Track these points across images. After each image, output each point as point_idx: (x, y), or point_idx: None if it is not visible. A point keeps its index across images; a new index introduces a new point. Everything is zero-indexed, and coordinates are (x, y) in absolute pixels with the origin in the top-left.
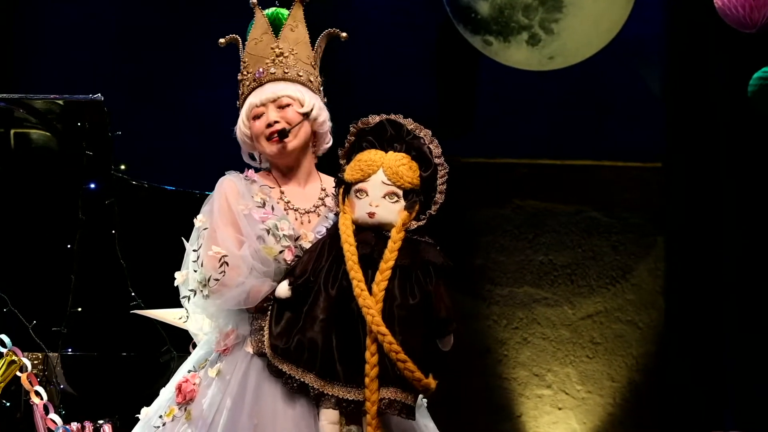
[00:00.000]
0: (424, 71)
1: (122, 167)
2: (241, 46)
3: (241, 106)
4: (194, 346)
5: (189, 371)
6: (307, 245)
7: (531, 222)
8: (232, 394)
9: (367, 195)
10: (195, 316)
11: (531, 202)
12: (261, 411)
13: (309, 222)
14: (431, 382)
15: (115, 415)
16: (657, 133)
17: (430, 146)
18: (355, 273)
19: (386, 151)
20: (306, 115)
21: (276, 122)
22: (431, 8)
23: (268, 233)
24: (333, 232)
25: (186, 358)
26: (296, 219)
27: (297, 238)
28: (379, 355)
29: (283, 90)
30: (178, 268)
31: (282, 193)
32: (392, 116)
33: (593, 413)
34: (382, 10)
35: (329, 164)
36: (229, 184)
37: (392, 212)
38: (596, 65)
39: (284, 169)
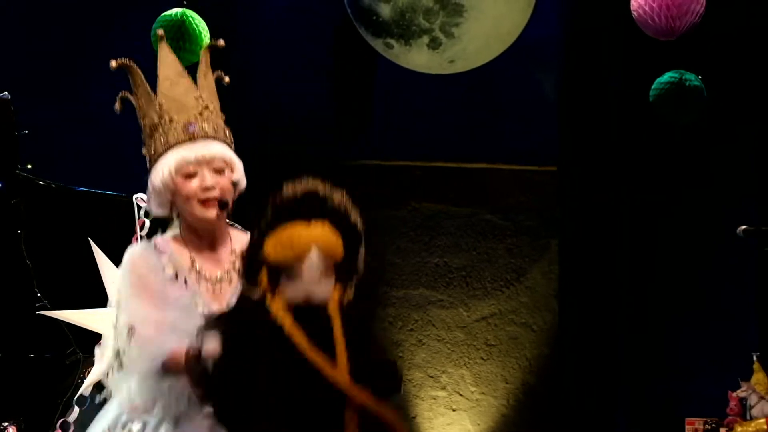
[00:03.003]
0: (323, 73)
1: (29, 167)
2: (137, 71)
3: (162, 154)
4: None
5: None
6: None
7: (427, 224)
8: None
9: (300, 276)
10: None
11: (427, 205)
12: None
13: (221, 291)
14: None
15: (20, 417)
16: (552, 136)
17: (347, 208)
18: (317, 358)
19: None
20: (234, 184)
21: (212, 188)
22: (331, 10)
23: (183, 310)
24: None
25: (91, 360)
26: (207, 291)
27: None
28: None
29: (218, 151)
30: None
31: (192, 261)
32: (308, 183)
33: (487, 415)
34: (280, 10)
35: None
36: (139, 260)
37: (328, 290)
38: (493, 69)
39: (201, 232)
